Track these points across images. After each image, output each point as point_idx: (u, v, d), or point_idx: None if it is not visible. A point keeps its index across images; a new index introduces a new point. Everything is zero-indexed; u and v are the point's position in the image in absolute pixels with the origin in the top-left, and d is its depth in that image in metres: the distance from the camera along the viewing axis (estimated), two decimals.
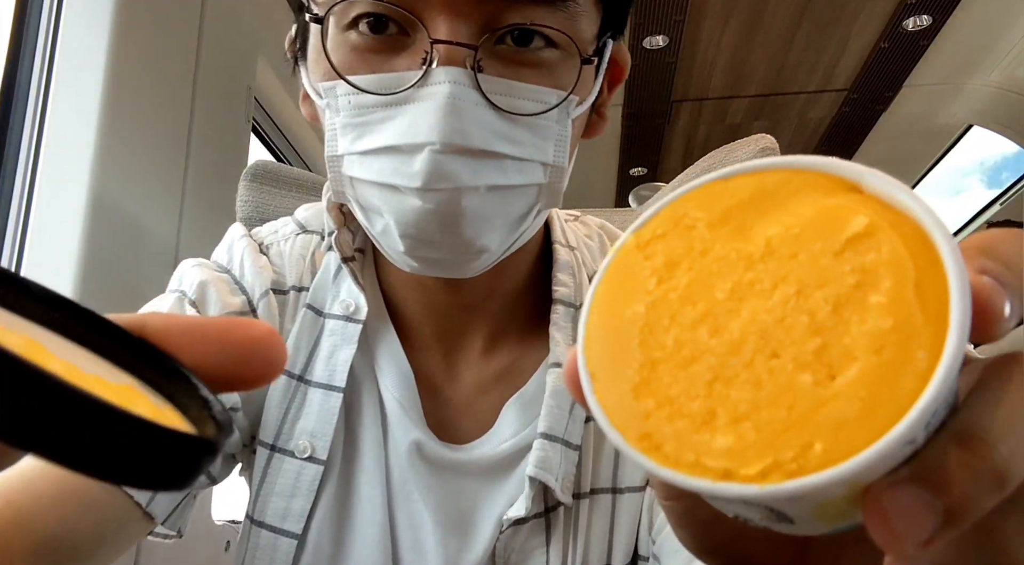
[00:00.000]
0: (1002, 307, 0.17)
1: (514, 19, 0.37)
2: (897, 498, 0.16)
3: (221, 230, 0.61)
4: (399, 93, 0.37)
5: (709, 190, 0.22)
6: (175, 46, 1.27)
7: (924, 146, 3.56)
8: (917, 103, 3.15)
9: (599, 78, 0.43)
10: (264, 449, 0.52)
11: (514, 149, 0.38)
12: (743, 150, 0.82)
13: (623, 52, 0.47)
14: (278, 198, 0.85)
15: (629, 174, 3.83)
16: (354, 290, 0.52)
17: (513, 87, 0.38)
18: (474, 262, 0.44)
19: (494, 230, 0.41)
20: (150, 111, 1.20)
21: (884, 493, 0.16)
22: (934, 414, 0.17)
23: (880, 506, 0.16)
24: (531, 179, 0.40)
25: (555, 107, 0.39)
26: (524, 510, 0.48)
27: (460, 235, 0.40)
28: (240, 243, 0.55)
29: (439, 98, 0.36)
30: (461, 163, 0.37)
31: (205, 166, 1.32)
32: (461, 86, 0.36)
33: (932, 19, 2.55)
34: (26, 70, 1.07)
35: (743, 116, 3.34)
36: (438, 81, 0.36)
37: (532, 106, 0.38)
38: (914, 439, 0.17)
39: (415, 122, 0.37)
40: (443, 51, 0.36)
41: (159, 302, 0.53)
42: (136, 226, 1.15)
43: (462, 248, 0.41)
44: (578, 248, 0.53)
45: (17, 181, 1.05)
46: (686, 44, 2.75)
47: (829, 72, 2.93)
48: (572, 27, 0.39)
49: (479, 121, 0.37)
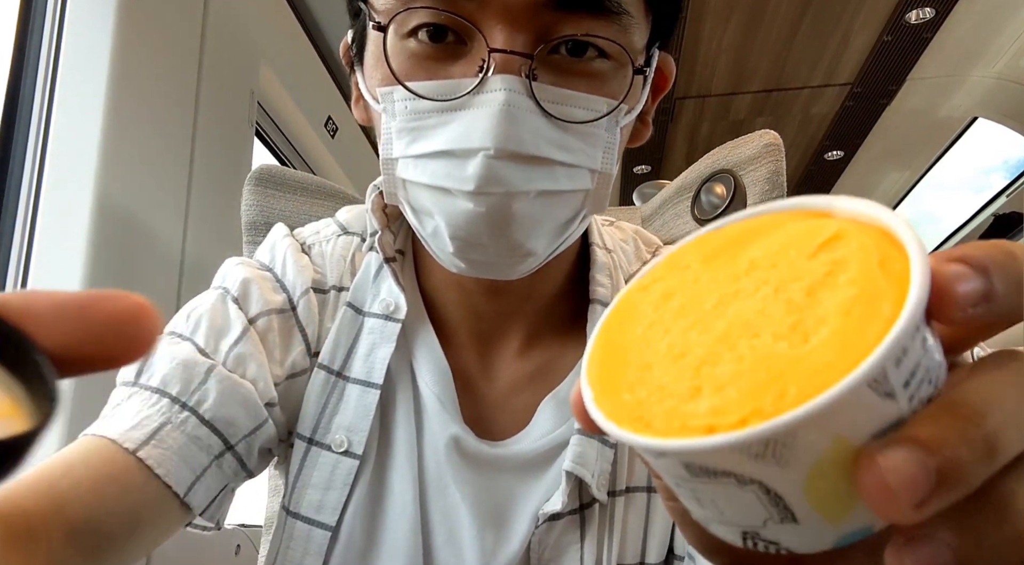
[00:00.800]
0: (967, 279, 0.18)
1: (568, 30, 0.38)
2: (890, 457, 0.16)
3: (226, 234, 0.62)
4: (456, 99, 0.39)
5: (704, 239, 0.24)
6: (178, 51, 1.27)
7: (929, 139, 3.55)
8: (921, 96, 3.14)
9: (646, 87, 0.45)
10: (302, 442, 0.53)
11: (565, 156, 0.39)
12: (747, 147, 0.82)
13: (668, 61, 0.48)
14: (282, 202, 0.86)
15: (633, 172, 3.83)
16: (394, 290, 0.53)
17: (566, 96, 0.39)
18: (520, 265, 0.45)
19: (542, 234, 0.42)
20: (154, 116, 1.20)
21: (878, 452, 0.17)
22: (904, 352, 0.18)
23: (875, 464, 0.17)
24: (579, 185, 0.41)
25: (606, 116, 0.40)
26: (560, 505, 0.49)
27: (509, 238, 0.41)
28: (283, 243, 0.56)
29: (495, 105, 0.37)
30: (513, 168, 0.38)
31: (209, 170, 1.32)
32: (516, 94, 0.38)
33: (935, 11, 2.54)
34: (30, 75, 1.08)
35: (746, 112, 3.33)
36: (494, 88, 0.38)
37: (583, 114, 0.40)
38: (885, 379, 0.17)
39: (470, 127, 0.38)
40: (499, 60, 0.38)
41: (202, 299, 0.54)
42: (141, 230, 1.16)
43: (510, 251, 0.42)
44: (614, 251, 0.54)
45: (23, 186, 1.05)
46: (688, 41, 2.75)
47: (832, 66, 2.92)
48: (624, 38, 0.40)
49: (532, 128, 0.38)
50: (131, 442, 0.43)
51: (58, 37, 1.09)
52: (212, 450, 0.47)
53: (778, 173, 0.79)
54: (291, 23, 1.77)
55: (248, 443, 0.50)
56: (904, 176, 3.95)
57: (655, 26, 0.44)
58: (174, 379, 0.48)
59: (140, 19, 1.15)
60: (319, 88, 1.95)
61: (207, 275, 0.60)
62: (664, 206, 0.92)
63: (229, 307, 0.53)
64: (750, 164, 0.81)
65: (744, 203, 0.80)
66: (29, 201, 1.05)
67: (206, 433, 0.47)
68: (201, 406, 0.47)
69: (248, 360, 0.51)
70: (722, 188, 0.82)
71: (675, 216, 0.89)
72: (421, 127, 0.40)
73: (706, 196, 0.84)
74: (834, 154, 3.74)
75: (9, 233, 1.04)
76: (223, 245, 1.32)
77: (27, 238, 1.04)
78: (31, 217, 1.05)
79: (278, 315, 0.54)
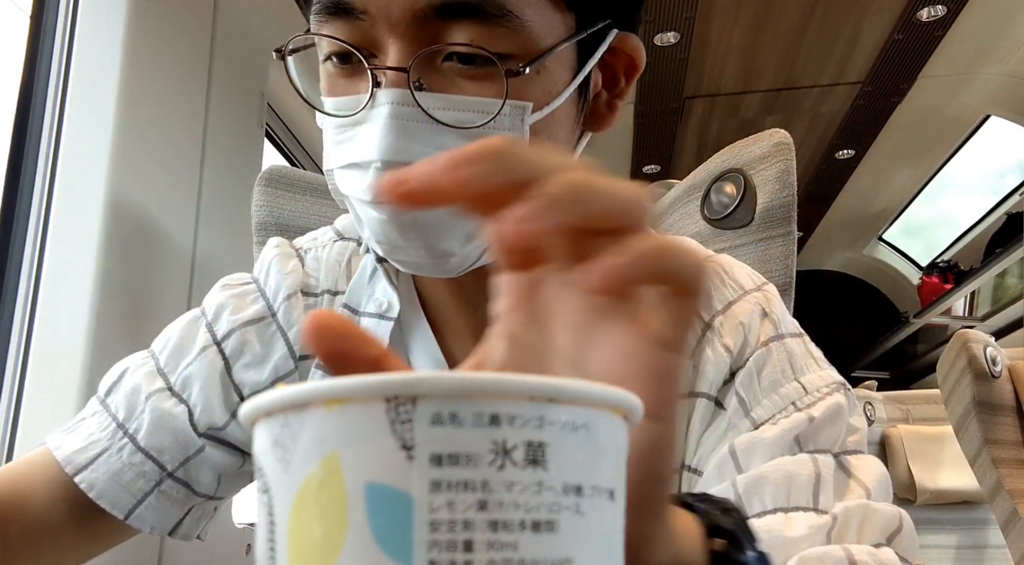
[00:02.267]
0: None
1: (456, 37, 0.39)
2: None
3: (237, 234, 0.63)
4: (355, 114, 0.41)
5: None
6: (189, 52, 1.28)
7: (941, 138, 3.52)
8: (933, 94, 3.12)
9: (579, 75, 0.44)
10: None
11: None
12: (757, 146, 0.82)
13: (629, 42, 0.47)
14: (292, 202, 0.86)
15: (642, 172, 3.82)
16: (388, 290, 0.53)
17: (455, 101, 0.40)
18: (445, 264, 0.45)
19: (454, 236, 0.43)
20: (165, 116, 1.21)
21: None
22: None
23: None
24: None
25: (493, 118, 0.40)
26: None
27: (418, 242, 0.43)
28: (271, 253, 0.58)
29: (380, 119, 0.40)
30: None
31: (220, 171, 1.33)
32: (401, 106, 0.39)
33: (946, 8, 2.53)
34: (43, 77, 1.09)
35: (756, 111, 3.32)
36: (381, 102, 0.40)
37: (474, 117, 0.40)
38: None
39: (365, 141, 0.41)
40: (388, 74, 0.40)
41: (183, 317, 0.58)
42: (153, 230, 1.16)
43: (427, 253, 0.44)
44: None
45: (36, 188, 1.06)
46: (697, 40, 2.74)
47: (842, 65, 2.91)
48: (512, 41, 0.40)
49: (422, 137, 0.40)
50: (72, 466, 0.50)
51: (70, 39, 1.10)
52: (149, 476, 0.51)
53: (788, 172, 0.78)
54: (301, 24, 1.77)
55: (186, 470, 0.53)
56: (915, 175, 3.92)
57: (584, 16, 0.43)
58: (123, 405, 0.53)
59: (151, 21, 1.16)
60: None
61: (218, 275, 0.61)
62: (674, 206, 0.92)
63: (199, 328, 0.55)
64: (760, 163, 0.80)
65: (754, 202, 0.79)
66: (41, 202, 1.06)
67: (141, 459, 0.51)
68: (138, 433, 0.52)
69: (193, 382, 0.53)
70: (732, 187, 0.82)
71: (684, 216, 0.89)
72: (340, 140, 0.43)
73: (716, 196, 0.83)
74: (845, 153, 3.72)
75: (22, 233, 1.05)
76: (234, 245, 1.33)
77: (40, 239, 1.05)
78: (44, 218, 1.05)
79: (254, 326, 0.55)
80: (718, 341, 0.46)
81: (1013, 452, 1.26)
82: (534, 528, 0.17)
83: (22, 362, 1.02)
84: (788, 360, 0.45)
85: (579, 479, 0.17)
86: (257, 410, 0.19)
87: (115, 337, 1.08)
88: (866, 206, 4.31)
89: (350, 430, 0.17)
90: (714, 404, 0.46)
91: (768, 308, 0.48)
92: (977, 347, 1.28)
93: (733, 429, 0.44)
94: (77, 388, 1.03)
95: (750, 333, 0.46)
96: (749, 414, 0.44)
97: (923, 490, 1.83)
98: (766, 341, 0.46)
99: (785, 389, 0.44)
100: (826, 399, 0.44)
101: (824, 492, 0.40)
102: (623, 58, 0.47)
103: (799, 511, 0.40)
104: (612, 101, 0.49)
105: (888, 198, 4.20)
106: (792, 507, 0.40)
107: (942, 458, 1.83)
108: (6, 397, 1.01)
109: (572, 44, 0.43)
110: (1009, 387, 1.29)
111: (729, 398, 0.45)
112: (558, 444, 0.17)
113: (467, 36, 0.39)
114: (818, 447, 0.42)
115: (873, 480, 0.42)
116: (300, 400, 0.18)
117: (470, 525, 0.16)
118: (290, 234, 0.87)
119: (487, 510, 0.16)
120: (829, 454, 0.42)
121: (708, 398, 0.46)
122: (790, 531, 0.39)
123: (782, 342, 0.46)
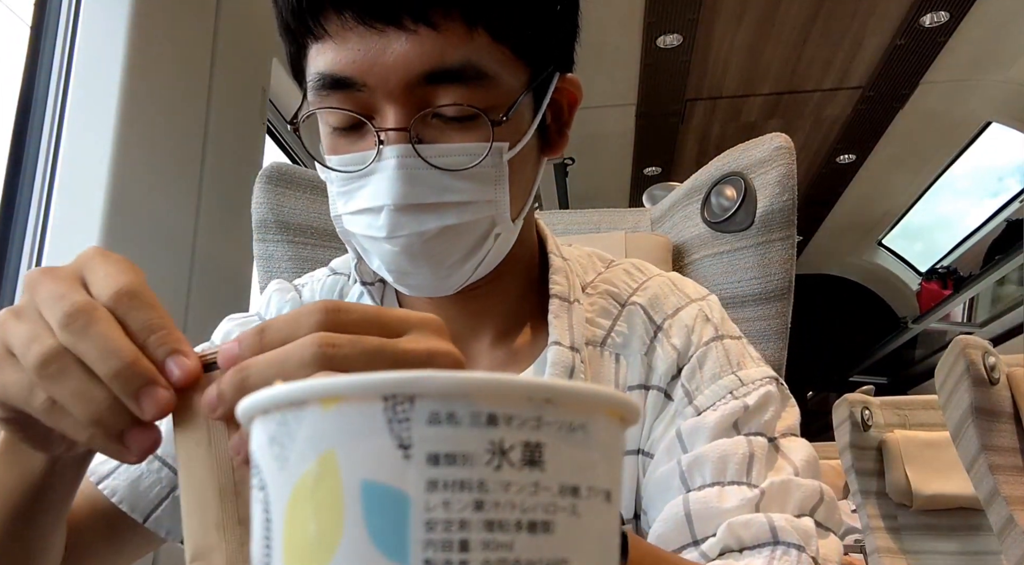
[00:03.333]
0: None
1: (442, 99, 0.47)
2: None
3: (238, 231, 0.63)
4: (364, 168, 0.49)
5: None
6: (190, 49, 1.28)
7: (942, 143, 3.52)
8: (934, 100, 3.12)
9: (538, 115, 0.52)
10: None
11: (456, 196, 0.49)
12: (758, 149, 0.82)
13: (570, 80, 0.55)
14: (293, 199, 0.86)
15: (643, 173, 3.82)
16: None
17: (448, 149, 0.48)
18: (446, 283, 0.53)
19: (456, 258, 0.51)
20: (167, 113, 1.21)
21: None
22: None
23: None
24: (477, 215, 0.50)
25: (483, 159, 0.49)
26: None
27: (425, 266, 0.51)
28: (271, 288, 0.65)
29: (389, 170, 0.48)
30: (411, 216, 0.48)
31: (221, 168, 1.33)
32: (405, 157, 0.48)
33: (949, 15, 2.53)
34: (44, 73, 1.09)
35: (757, 114, 3.32)
36: (388, 156, 0.48)
37: (465, 160, 0.49)
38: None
39: (376, 189, 0.49)
40: (389, 133, 0.48)
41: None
42: (154, 226, 1.16)
43: (432, 274, 0.51)
44: (570, 259, 0.62)
45: (36, 184, 1.06)
46: (700, 43, 2.74)
47: (844, 69, 2.91)
48: (487, 96, 0.48)
49: (423, 181, 0.48)
50: (96, 476, 0.53)
51: (72, 36, 1.10)
52: (165, 482, 0.54)
53: (789, 176, 0.78)
54: None
55: None
56: (916, 180, 3.92)
57: (536, 67, 0.51)
58: None
59: (154, 17, 1.16)
60: None
61: (218, 271, 0.61)
62: (674, 208, 0.92)
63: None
64: (761, 167, 0.80)
65: (755, 205, 0.79)
66: (42, 198, 1.06)
67: (158, 466, 0.54)
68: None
69: None
70: (732, 191, 0.82)
71: (685, 218, 0.89)
72: (349, 191, 0.50)
73: (716, 199, 0.84)
74: (846, 157, 3.72)
75: (22, 229, 1.05)
76: (234, 242, 1.33)
77: (40, 235, 1.05)
78: (44, 213, 1.05)
79: None
80: (667, 341, 0.54)
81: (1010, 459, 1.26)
82: (530, 528, 0.17)
83: None
84: (726, 356, 0.53)
85: (576, 480, 0.17)
86: (254, 407, 0.19)
87: None
88: (866, 211, 4.31)
89: (347, 428, 0.17)
90: (663, 396, 0.53)
91: (710, 314, 0.56)
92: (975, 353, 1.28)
93: (679, 415, 0.52)
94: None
95: (693, 334, 0.54)
96: (692, 402, 0.52)
97: (920, 495, 1.83)
98: (707, 341, 0.54)
99: (724, 380, 0.52)
100: (759, 389, 0.51)
101: (756, 469, 0.48)
102: (566, 93, 0.55)
103: (733, 485, 0.47)
104: (561, 129, 0.56)
105: (888, 203, 4.20)
106: (728, 482, 0.48)
107: (939, 464, 1.83)
108: None
109: (529, 90, 0.51)
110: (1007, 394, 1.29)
111: (676, 390, 0.53)
112: (555, 445, 0.17)
113: (453, 97, 0.47)
114: (752, 431, 0.50)
115: (801, 459, 0.50)
116: (297, 398, 0.18)
117: (466, 525, 0.16)
118: (290, 231, 0.87)
119: (483, 510, 0.16)
120: (763, 437, 0.50)
121: (659, 390, 0.54)
122: (724, 502, 0.47)
123: (721, 342, 0.54)
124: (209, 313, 1.27)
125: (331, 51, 0.47)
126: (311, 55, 0.49)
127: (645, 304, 0.56)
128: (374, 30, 0.46)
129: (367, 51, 0.46)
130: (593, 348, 0.55)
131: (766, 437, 0.50)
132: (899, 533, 1.88)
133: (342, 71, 0.47)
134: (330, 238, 0.86)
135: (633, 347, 0.55)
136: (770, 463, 0.49)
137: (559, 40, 0.54)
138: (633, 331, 0.55)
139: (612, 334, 0.56)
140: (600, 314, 0.57)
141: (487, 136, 0.48)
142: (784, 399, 0.53)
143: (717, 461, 0.48)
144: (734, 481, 0.48)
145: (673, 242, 0.89)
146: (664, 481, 0.50)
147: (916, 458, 1.84)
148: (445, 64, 0.46)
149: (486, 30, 0.47)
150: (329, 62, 0.47)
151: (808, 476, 0.49)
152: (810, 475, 0.49)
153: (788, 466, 0.49)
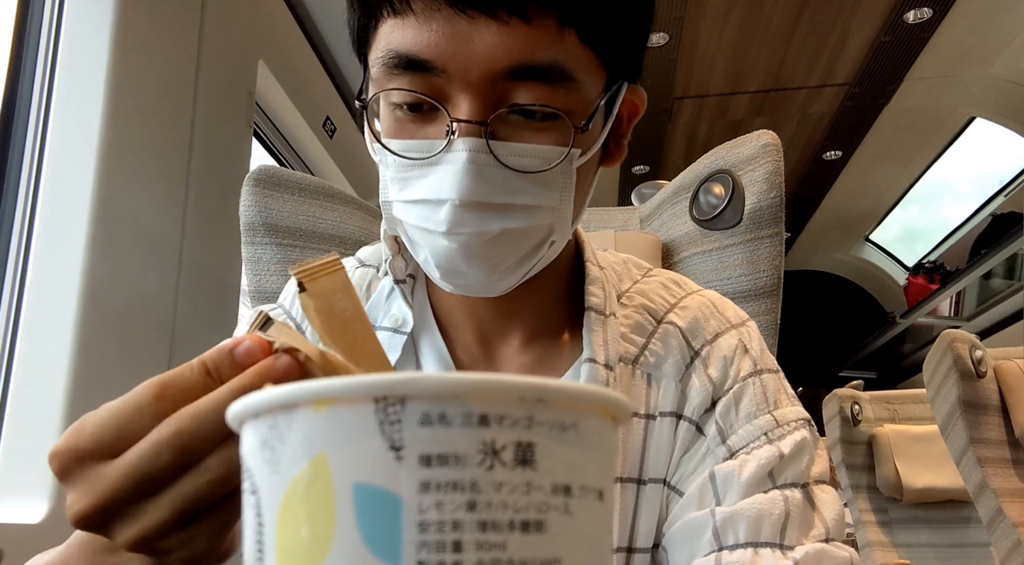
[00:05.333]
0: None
1: (521, 97, 0.46)
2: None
3: (225, 234, 0.63)
4: (430, 157, 0.46)
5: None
6: (176, 51, 1.27)
7: (927, 139, 3.55)
8: (919, 96, 3.15)
9: (608, 124, 0.51)
10: None
11: (523, 199, 0.47)
12: (745, 147, 0.82)
13: (638, 93, 0.54)
14: (281, 202, 0.85)
15: (631, 172, 3.83)
16: (403, 307, 0.58)
17: (521, 149, 0.46)
18: (497, 285, 0.51)
19: (511, 262, 0.50)
20: (153, 115, 1.20)
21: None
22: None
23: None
24: (540, 220, 0.49)
25: (558, 164, 0.47)
26: None
27: (480, 267, 0.49)
28: (293, 281, 0.64)
29: (458, 163, 0.45)
30: (476, 213, 0.46)
31: (207, 171, 1.32)
32: (476, 153, 0.45)
33: (933, 11, 2.55)
34: (28, 76, 1.08)
35: (744, 112, 3.33)
36: (458, 149, 0.45)
37: (538, 164, 0.47)
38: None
39: (441, 181, 0.46)
40: (462, 125, 0.45)
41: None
42: (140, 231, 1.16)
43: (485, 275, 0.50)
44: (606, 269, 0.60)
45: (21, 189, 1.05)
46: (686, 41, 2.75)
47: (830, 66, 2.93)
48: (570, 99, 0.46)
49: (492, 179, 0.46)
50: None
51: (56, 37, 1.09)
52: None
53: (776, 173, 0.79)
54: (290, 24, 1.77)
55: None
56: (902, 175, 3.95)
57: (612, 74, 0.50)
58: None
59: (139, 19, 1.15)
60: (317, 89, 1.95)
61: (205, 274, 0.61)
62: (662, 206, 0.92)
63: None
64: (748, 164, 0.81)
65: (743, 203, 0.80)
66: (28, 201, 1.05)
67: None
68: None
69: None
70: (720, 188, 0.82)
71: (673, 216, 0.89)
72: (407, 177, 0.48)
73: (704, 196, 0.84)
74: (832, 154, 3.74)
75: (8, 232, 1.04)
76: (221, 245, 1.32)
77: (25, 238, 1.04)
78: (29, 217, 1.05)
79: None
80: (704, 371, 0.53)
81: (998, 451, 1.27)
82: (523, 528, 0.17)
83: (6, 366, 1.01)
84: (764, 393, 0.53)
85: (568, 479, 0.17)
86: (245, 411, 0.18)
87: (102, 339, 1.07)
88: (853, 207, 4.34)
89: (338, 431, 0.17)
90: (695, 429, 0.53)
91: (748, 344, 0.55)
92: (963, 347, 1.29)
93: (711, 455, 0.51)
94: (63, 391, 1.02)
95: (731, 367, 0.53)
96: (725, 441, 0.51)
97: (909, 489, 1.85)
98: (745, 376, 0.53)
99: (759, 421, 0.51)
100: (794, 433, 0.51)
101: (791, 530, 0.48)
102: (629, 104, 0.54)
103: (767, 548, 0.47)
104: (619, 140, 0.55)
105: (875, 199, 4.23)
106: (762, 543, 0.47)
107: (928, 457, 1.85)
108: None
109: (605, 96, 0.50)
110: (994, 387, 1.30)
111: (709, 426, 0.52)
112: (547, 444, 0.17)
113: (533, 95, 0.45)
114: (787, 481, 0.49)
115: (833, 518, 0.49)
116: (288, 401, 0.17)
117: (459, 525, 0.16)
118: (278, 234, 0.87)
119: (476, 510, 0.16)
120: (797, 487, 0.49)
121: (690, 422, 0.53)
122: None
123: (760, 377, 0.53)
124: (197, 317, 1.27)
125: (412, 30, 0.45)
126: (384, 29, 0.46)
127: (684, 328, 0.55)
128: (464, 15, 0.44)
129: (452, 36, 0.44)
130: (625, 365, 0.54)
131: (799, 486, 0.49)
132: (890, 526, 1.89)
133: (421, 53, 0.44)
134: (319, 240, 0.86)
135: (667, 370, 0.54)
136: (805, 522, 0.48)
137: (636, 48, 0.52)
138: (668, 353, 0.54)
139: (645, 353, 0.55)
140: (634, 330, 0.56)
141: (563, 140, 0.47)
142: (815, 442, 0.52)
143: (752, 520, 0.47)
144: (768, 542, 0.47)
145: (662, 240, 0.89)
146: (695, 529, 0.49)
147: (906, 452, 1.86)
148: (534, 61, 0.44)
149: (576, 31, 0.45)
150: (408, 41, 0.45)
151: (838, 535, 0.49)
152: (839, 534, 0.49)
153: (821, 525, 0.49)
